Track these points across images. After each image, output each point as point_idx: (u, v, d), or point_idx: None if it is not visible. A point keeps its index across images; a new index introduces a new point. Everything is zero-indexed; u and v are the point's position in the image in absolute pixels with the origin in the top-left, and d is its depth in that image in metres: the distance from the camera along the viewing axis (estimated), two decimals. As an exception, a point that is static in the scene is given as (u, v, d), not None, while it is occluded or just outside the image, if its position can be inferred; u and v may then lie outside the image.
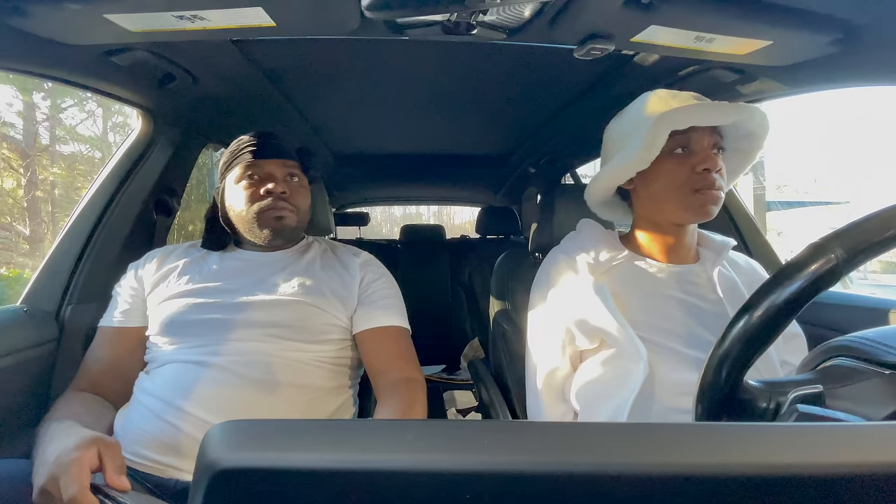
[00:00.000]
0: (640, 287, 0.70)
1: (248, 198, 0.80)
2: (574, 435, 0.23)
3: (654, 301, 0.69)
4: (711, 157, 0.66)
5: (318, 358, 0.76)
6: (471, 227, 3.20)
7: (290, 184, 0.84)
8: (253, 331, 0.73)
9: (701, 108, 0.65)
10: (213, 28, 0.66)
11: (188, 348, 0.72)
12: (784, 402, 0.35)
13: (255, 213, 0.80)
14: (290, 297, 0.78)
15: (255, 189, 0.81)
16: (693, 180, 0.66)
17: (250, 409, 0.67)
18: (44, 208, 6.32)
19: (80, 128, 6.94)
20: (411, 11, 0.62)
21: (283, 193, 0.81)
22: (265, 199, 0.80)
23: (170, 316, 0.75)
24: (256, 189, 0.81)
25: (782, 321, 0.33)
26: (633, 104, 0.74)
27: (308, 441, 0.22)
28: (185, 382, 0.68)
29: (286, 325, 0.75)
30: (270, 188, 0.80)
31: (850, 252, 0.31)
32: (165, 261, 0.83)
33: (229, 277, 0.80)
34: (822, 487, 0.21)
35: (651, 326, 0.66)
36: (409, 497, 0.20)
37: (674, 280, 0.71)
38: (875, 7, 0.63)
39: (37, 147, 6.33)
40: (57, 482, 0.48)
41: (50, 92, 6.19)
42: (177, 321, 0.74)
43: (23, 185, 6.20)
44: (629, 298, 0.69)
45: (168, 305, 0.76)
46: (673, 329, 0.66)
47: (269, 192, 0.80)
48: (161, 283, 0.80)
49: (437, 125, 1.51)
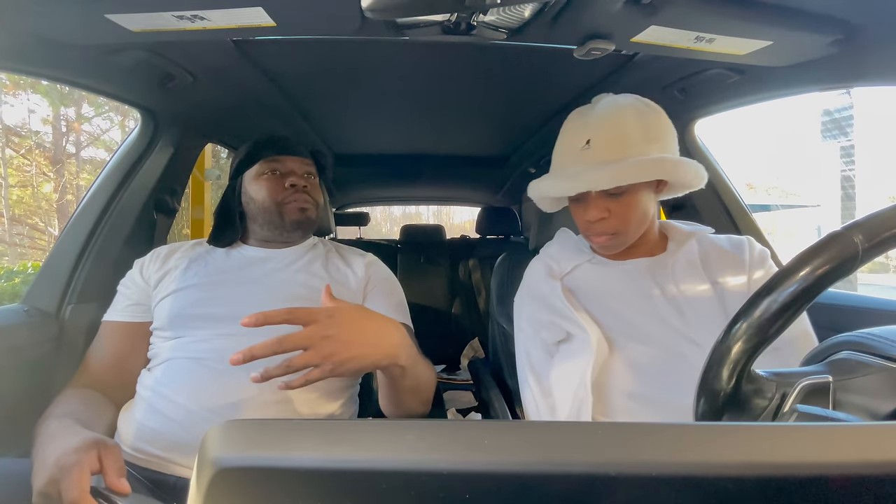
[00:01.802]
0: (598, 286, 0.79)
1: (271, 190, 0.84)
2: (574, 435, 0.23)
3: (612, 297, 0.77)
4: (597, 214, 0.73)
5: None
6: (470, 226, 3.21)
7: (309, 180, 0.88)
8: (257, 328, 0.73)
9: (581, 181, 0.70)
10: (214, 28, 0.66)
11: (191, 343, 0.72)
12: (790, 392, 0.35)
13: (279, 204, 0.84)
14: (295, 293, 0.78)
15: (278, 182, 0.85)
16: (584, 226, 0.77)
17: (252, 407, 0.67)
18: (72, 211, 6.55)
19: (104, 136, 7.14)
20: (412, 12, 0.62)
21: (305, 187, 0.85)
22: (288, 193, 0.84)
23: (173, 310, 0.75)
24: (280, 182, 0.85)
25: (800, 306, 0.32)
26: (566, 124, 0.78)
27: (308, 441, 0.22)
28: (188, 378, 0.68)
29: None
30: (294, 182, 0.84)
31: (871, 240, 0.31)
32: (171, 257, 0.84)
33: (234, 273, 0.81)
34: (821, 487, 0.21)
35: (611, 321, 0.74)
36: (409, 497, 0.20)
37: (631, 276, 0.78)
38: (875, 7, 0.63)
39: (65, 153, 6.55)
40: (57, 485, 0.48)
41: (77, 101, 6.40)
42: (180, 315, 0.75)
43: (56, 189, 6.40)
44: (591, 297, 0.78)
45: (172, 300, 0.76)
46: (621, 319, 0.74)
47: (292, 185, 0.84)
48: (166, 279, 0.80)
49: (437, 125, 1.51)
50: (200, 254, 0.84)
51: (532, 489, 0.20)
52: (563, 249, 0.87)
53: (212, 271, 0.81)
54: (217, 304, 0.75)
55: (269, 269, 0.82)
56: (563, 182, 0.72)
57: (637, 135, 0.69)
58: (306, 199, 0.85)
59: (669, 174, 0.69)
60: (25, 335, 0.86)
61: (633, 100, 0.73)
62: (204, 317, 0.74)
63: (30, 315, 0.89)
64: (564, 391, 0.69)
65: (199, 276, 0.79)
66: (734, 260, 0.75)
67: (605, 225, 0.73)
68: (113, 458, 0.51)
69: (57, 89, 5.90)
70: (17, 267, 4.32)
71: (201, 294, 0.77)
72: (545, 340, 0.77)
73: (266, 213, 0.84)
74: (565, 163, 0.75)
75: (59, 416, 0.61)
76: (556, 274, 0.82)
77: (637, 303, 0.75)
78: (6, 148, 6.14)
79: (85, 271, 0.98)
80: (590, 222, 0.74)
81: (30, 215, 6.62)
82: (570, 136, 0.75)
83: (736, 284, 0.73)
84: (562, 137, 0.77)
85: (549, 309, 0.77)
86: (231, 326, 0.73)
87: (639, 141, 0.69)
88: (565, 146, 0.75)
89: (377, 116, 1.40)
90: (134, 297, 0.80)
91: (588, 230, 0.76)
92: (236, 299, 0.76)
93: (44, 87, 5.95)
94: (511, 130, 1.57)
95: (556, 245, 0.90)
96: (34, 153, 6.44)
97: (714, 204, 1.21)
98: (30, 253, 6.45)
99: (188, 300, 0.76)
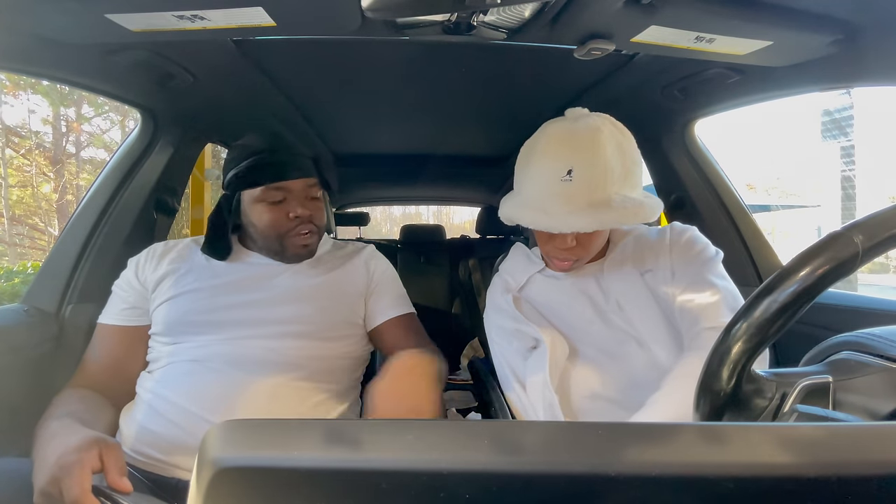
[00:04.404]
0: (550, 297, 0.82)
1: (271, 222, 0.78)
2: (574, 435, 0.23)
3: (564, 306, 0.80)
4: (564, 244, 0.72)
5: (327, 356, 0.76)
6: (470, 226, 3.20)
7: (312, 204, 0.82)
8: (260, 330, 0.73)
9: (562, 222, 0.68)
10: (214, 28, 0.66)
11: (194, 348, 0.72)
12: (790, 392, 0.35)
13: (279, 237, 0.79)
14: (298, 295, 0.78)
15: (280, 212, 0.78)
16: (549, 250, 0.77)
17: (256, 410, 0.67)
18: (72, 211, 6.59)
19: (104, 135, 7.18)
20: (412, 11, 0.62)
21: (308, 216, 0.80)
22: (291, 225, 0.79)
23: (175, 315, 0.74)
24: (282, 212, 0.78)
25: (800, 306, 0.32)
26: (540, 144, 0.73)
27: (308, 441, 0.22)
28: (190, 382, 0.68)
29: (295, 323, 0.75)
30: (298, 213, 0.78)
31: (871, 240, 0.31)
32: (167, 257, 0.81)
33: (236, 275, 0.79)
34: (822, 487, 0.21)
35: (566, 329, 0.78)
36: (409, 497, 0.20)
37: (572, 284, 0.81)
38: (875, 7, 0.63)
39: (65, 154, 6.57)
40: (59, 484, 0.48)
41: (77, 102, 6.41)
42: (183, 321, 0.74)
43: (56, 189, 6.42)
44: (546, 307, 0.82)
45: (173, 304, 0.75)
46: (575, 326, 0.77)
47: (295, 217, 0.78)
48: (164, 282, 0.78)
49: (437, 125, 1.51)
50: (199, 257, 0.81)
51: (532, 489, 0.20)
52: (517, 263, 0.90)
53: (211, 276, 0.78)
54: (218, 311, 0.74)
55: (271, 273, 0.81)
56: (542, 217, 0.69)
57: (617, 169, 0.67)
58: (311, 229, 0.81)
59: (647, 217, 0.68)
60: (25, 335, 0.86)
61: (610, 125, 0.70)
62: (205, 323, 0.73)
63: (30, 315, 0.89)
64: (535, 393, 0.71)
65: (199, 280, 0.77)
66: (656, 246, 0.77)
67: (569, 253, 0.74)
68: (114, 456, 0.51)
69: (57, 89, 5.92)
70: (17, 267, 4.33)
71: (201, 299, 0.75)
72: (518, 348, 0.79)
73: (266, 239, 0.80)
74: (543, 193, 0.70)
75: (59, 416, 0.61)
76: (512, 288, 0.85)
77: (585, 310, 0.78)
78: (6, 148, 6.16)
79: (85, 271, 0.97)
80: (556, 248, 0.74)
81: (30, 215, 6.64)
82: (548, 162, 0.69)
83: (659, 270, 0.74)
84: (540, 159, 0.71)
85: (512, 318, 0.80)
86: (233, 331, 0.73)
87: (618, 177, 0.67)
88: (543, 173, 0.70)
89: (377, 116, 1.40)
90: (130, 300, 0.78)
91: (551, 254, 0.77)
92: (238, 304, 0.75)
93: (44, 88, 5.98)
94: (511, 130, 1.57)
95: (510, 260, 0.93)
96: (34, 153, 6.46)
97: (714, 204, 1.21)
98: (30, 253, 6.47)
99: (188, 306, 0.74)
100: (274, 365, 0.71)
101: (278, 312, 0.76)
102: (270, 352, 0.72)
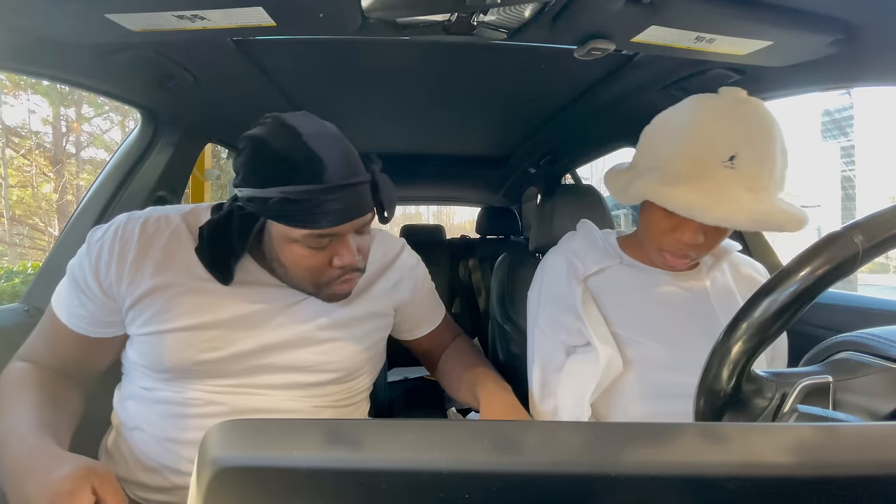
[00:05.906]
0: (627, 292, 0.73)
1: (310, 269, 0.60)
2: (574, 435, 0.23)
3: (641, 306, 0.71)
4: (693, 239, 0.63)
5: (351, 395, 0.71)
6: (470, 226, 3.20)
7: (362, 240, 0.63)
8: (279, 378, 0.64)
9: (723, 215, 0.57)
10: (214, 28, 0.66)
11: (194, 390, 0.61)
12: (790, 392, 0.35)
13: (316, 283, 0.62)
14: (328, 333, 0.66)
15: (321, 260, 0.59)
16: (669, 242, 0.66)
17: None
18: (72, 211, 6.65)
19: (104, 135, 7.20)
20: (412, 11, 0.62)
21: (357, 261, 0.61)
22: (334, 274, 0.61)
23: (169, 356, 0.60)
24: (324, 260, 0.60)
25: (800, 306, 0.32)
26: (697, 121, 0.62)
27: (308, 441, 0.22)
28: (193, 426, 0.61)
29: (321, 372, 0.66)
30: (346, 262, 0.59)
31: (871, 240, 0.31)
32: (149, 260, 0.60)
33: (250, 306, 0.63)
34: (822, 487, 0.21)
35: (636, 330, 0.69)
36: (409, 497, 0.20)
37: (664, 286, 0.72)
38: (875, 7, 0.63)
39: (65, 154, 6.58)
40: None
41: (77, 102, 6.42)
42: (178, 366, 0.60)
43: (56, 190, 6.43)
44: (616, 302, 0.72)
45: (165, 342, 0.60)
46: (659, 334, 0.68)
47: (342, 267, 0.60)
48: (148, 303, 0.60)
49: (437, 125, 1.51)
50: (196, 266, 0.61)
51: (532, 489, 0.20)
52: (589, 248, 0.77)
53: (216, 304, 0.61)
54: (227, 356, 0.61)
55: (292, 300, 0.65)
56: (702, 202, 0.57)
57: (779, 163, 0.60)
58: (354, 277, 0.63)
59: (800, 228, 0.59)
60: (25, 335, 0.86)
61: (765, 107, 0.62)
62: (208, 369, 0.61)
63: (30, 315, 0.89)
64: (565, 400, 0.67)
65: (200, 311, 0.60)
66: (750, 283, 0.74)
67: (693, 250, 0.65)
68: (110, 487, 0.48)
69: (57, 89, 5.92)
70: (17, 267, 4.33)
71: (205, 340, 0.60)
72: (564, 342, 0.72)
73: (297, 280, 0.62)
74: (703, 175, 0.59)
75: (24, 432, 0.52)
76: (580, 274, 0.73)
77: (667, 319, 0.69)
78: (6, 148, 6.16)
79: (85, 271, 0.97)
80: (679, 242, 0.65)
81: (30, 215, 6.65)
82: (709, 140, 0.60)
83: None
84: (695, 138, 0.61)
85: (573, 313, 0.70)
86: (246, 378, 0.62)
87: (780, 176, 0.61)
88: (704, 152, 0.60)
89: (377, 116, 1.40)
90: (90, 309, 0.61)
91: (669, 248, 0.66)
92: (253, 349, 0.62)
93: (44, 88, 5.98)
94: (511, 130, 1.57)
95: (581, 240, 0.79)
96: (34, 153, 6.46)
97: None
98: (30, 253, 6.48)
99: (185, 347, 0.60)
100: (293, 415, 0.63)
101: (303, 357, 0.64)
102: (289, 401, 0.64)
